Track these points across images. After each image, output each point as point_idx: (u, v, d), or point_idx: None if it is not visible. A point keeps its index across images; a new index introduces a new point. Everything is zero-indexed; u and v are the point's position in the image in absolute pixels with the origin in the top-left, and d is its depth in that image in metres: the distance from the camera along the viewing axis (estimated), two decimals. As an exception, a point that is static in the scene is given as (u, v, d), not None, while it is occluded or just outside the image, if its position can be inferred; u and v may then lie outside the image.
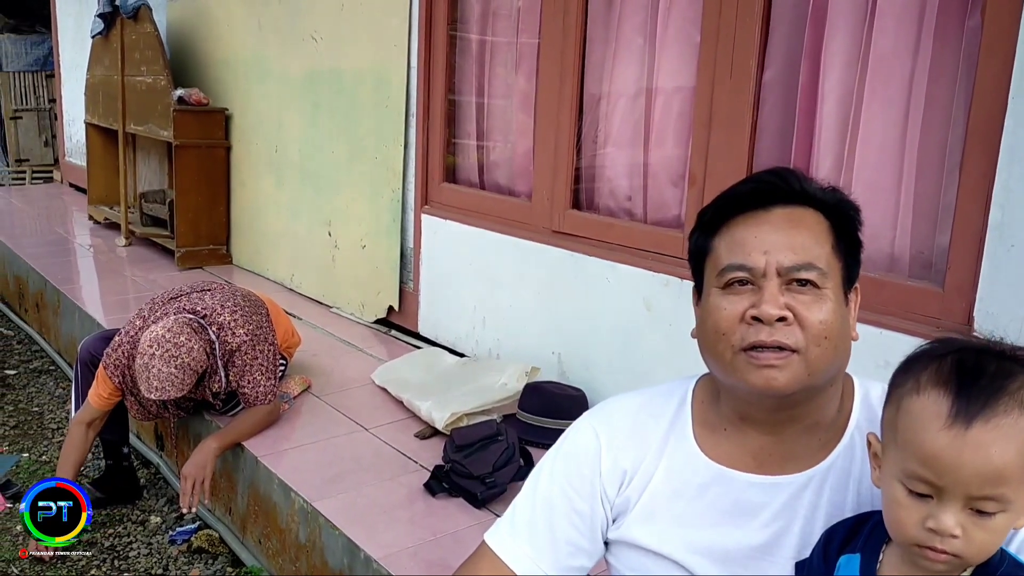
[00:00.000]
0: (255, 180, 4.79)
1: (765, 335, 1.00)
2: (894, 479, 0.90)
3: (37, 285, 4.81)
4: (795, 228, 1.04)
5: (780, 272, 1.02)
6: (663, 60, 2.74)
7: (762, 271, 1.02)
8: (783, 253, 1.02)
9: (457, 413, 2.74)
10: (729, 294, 1.05)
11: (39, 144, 9.65)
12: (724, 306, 1.05)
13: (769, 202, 1.07)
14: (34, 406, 3.93)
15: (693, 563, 1.11)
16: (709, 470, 1.12)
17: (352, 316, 4.03)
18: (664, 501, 1.14)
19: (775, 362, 1.00)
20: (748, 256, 1.03)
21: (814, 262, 1.02)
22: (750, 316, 1.02)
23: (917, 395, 0.89)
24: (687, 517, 1.12)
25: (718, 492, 1.11)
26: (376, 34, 3.72)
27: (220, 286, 2.96)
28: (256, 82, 4.66)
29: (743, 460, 1.11)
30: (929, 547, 0.87)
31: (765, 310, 1.00)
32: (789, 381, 1.01)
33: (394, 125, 3.66)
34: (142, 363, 2.46)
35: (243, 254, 4.98)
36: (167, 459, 3.26)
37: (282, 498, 2.48)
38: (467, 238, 3.39)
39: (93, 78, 5.89)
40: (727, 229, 1.08)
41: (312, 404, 3.05)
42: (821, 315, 1.01)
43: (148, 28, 4.96)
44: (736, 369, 1.04)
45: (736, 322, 1.03)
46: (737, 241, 1.06)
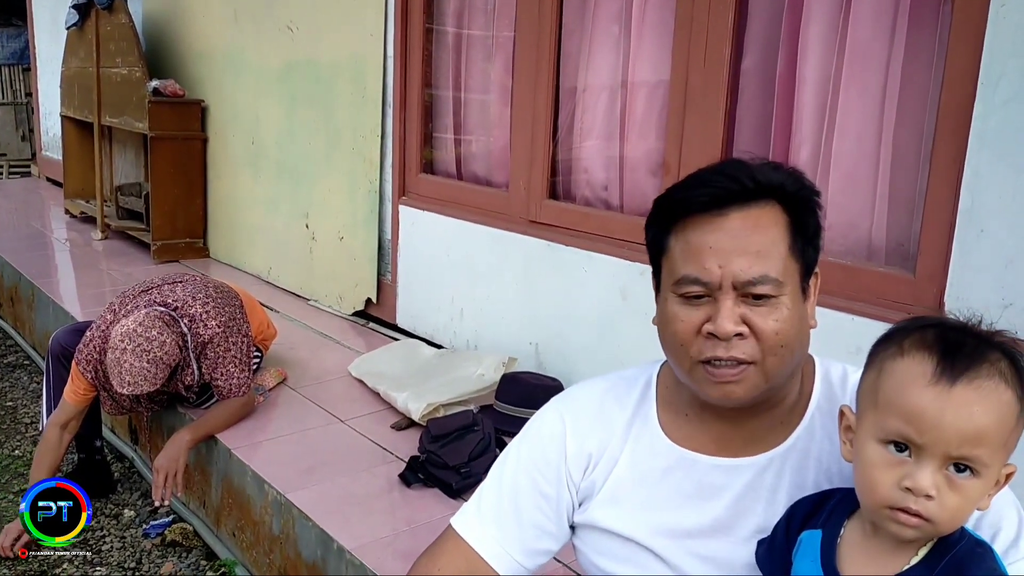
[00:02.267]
0: (232, 172, 4.75)
1: (722, 351, 1.01)
2: (871, 441, 0.91)
3: (11, 279, 4.75)
4: (751, 233, 1.02)
5: (736, 286, 1.01)
6: (639, 49, 2.73)
7: (718, 284, 1.02)
8: (738, 264, 1.01)
9: (433, 404, 2.73)
10: (685, 305, 1.04)
11: (16, 138, 9.57)
12: (681, 317, 1.05)
13: (723, 204, 1.04)
14: (7, 400, 3.88)
15: (657, 544, 1.12)
16: (673, 453, 1.13)
17: (330, 308, 4.01)
18: (629, 485, 1.15)
19: (732, 378, 1.02)
20: (703, 269, 1.02)
21: (769, 273, 1.01)
22: (706, 331, 1.02)
23: (901, 357, 0.90)
24: (651, 500, 1.13)
25: (681, 475, 1.12)
26: (352, 24, 3.69)
27: (192, 277, 2.92)
28: (232, 73, 4.62)
29: (706, 444, 1.12)
30: (902, 508, 0.87)
31: (721, 326, 1.01)
32: (746, 392, 1.03)
33: (371, 116, 3.63)
34: (113, 358, 2.43)
35: (220, 247, 4.94)
36: (141, 453, 3.23)
37: (256, 490, 2.46)
38: (445, 229, 3.37)
39: (68, 70, 5.83)
40: (682, 230, 1.06)
41: (288, 396, 3.03)
42: (777, 325, 1.01)
43: (123, 19, 4.90)
44: (695, 379, 1.06)
45: (693, 334, 1.03)
46: (692, 249, 1.04)
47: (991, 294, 1.89)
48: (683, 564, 1.11)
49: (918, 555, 0.91)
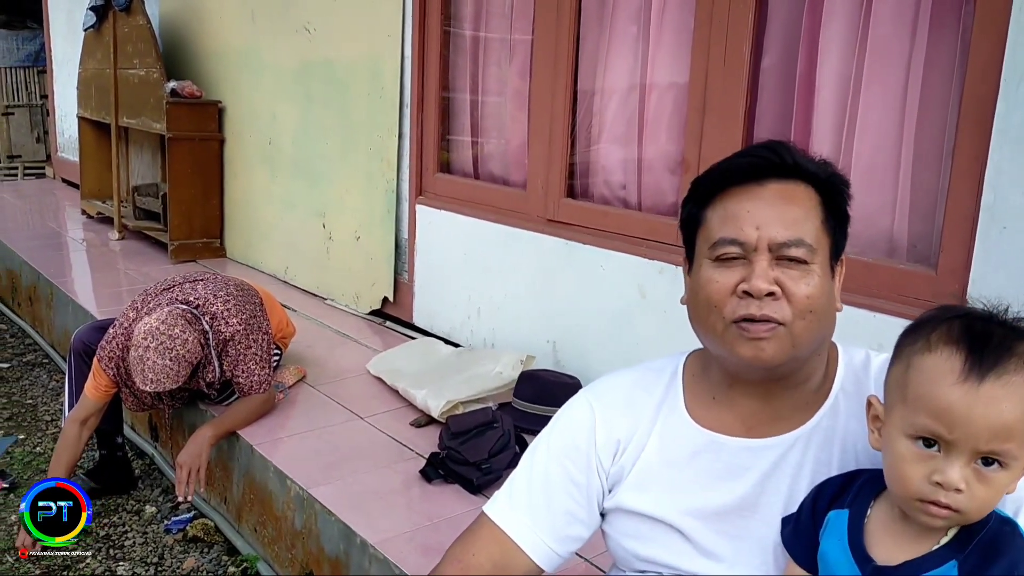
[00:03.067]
0: (249, 172, 4.78)
1: (755, 309, 1.04)
2: (900, 435, 0.92)
3: (30, 279, 4.79)
4: (787, 203, 1.07)
5: (771, 247, 1.05)
6: (658, 49, 2.74)
7: (753, 246, 1.05)
8: (775, 228, 1.05)
9: (452, 401, 2.74)
10: (721, 267, 1.08)
11: (31, 140, 9.62)
12: (716, 279, 1.08)
13: (763, 176, 1.09)
14: (28, 398, 3.91)
15: (685, 524, 1.15)
16: (700, 437, 1.16)
17: (347, 307, 4.03)
18: (657, 468, 1.17)
19: (764, 335, 1.05)
20: (740, 230, 1.06)
21: (804, 238, 1.05)
22: (741, 290, 1.05)
23: (928, 352, 0.91)
24: (679, 482, 1.16)
25: (709, 457, 1.15)
26: (369, 25, 3.71)
27: (213, 276, 2.95)
28: (249, 74, 4.65)
29: (733, 425, 1.15)
30: (932, 501, 0.88)
31: (756, 285, 1.04)
32: (776, 352, 1.05)
33: (388, 116, 3.65)
34: (136, 355, 2.45)
35: (237, 247, 4.97)
36: (162, 450, 3.25)
37: (278, 486, 2.48)
38: (462, 228, 3.39)
39: (85, 72, 5.87)
40: (720, 201, 1.10)
41: (307, 394, 3.05)
42: (808, 289, 1.05)
43: (140, 20, 4.94)
44: (727, 340, 1.08)
45: (727, 295, 1.07)
46: (730, 214, 1.08)
47: (1014, 290, 1.89)
48: (710, 543, 1.13)
49: (947, 535, 0.92)
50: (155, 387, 2.46)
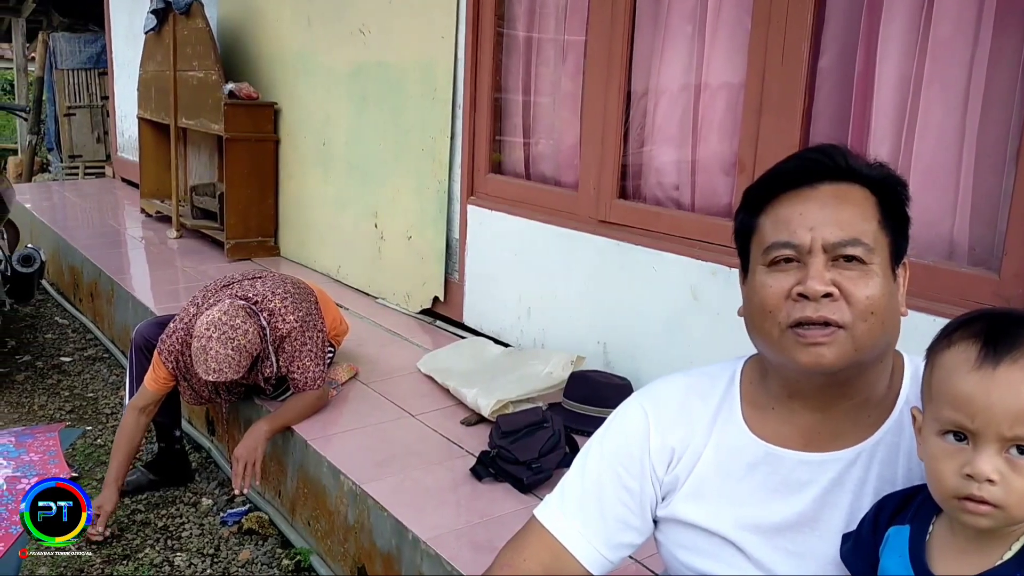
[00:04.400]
0: (303, 173, 4.86)
1: (811, 311, 1.01)
2: (931, 435, 0.93)
3: (91, 275, 4.93)
4: (841, 204, 1.05)
5: (826, 248, 1.02)
6: (713, 49, 2.72)
7: (807, 248, 1.03)
8: (829, 229, 1.02)
9: (503, 400, 2.76)
10: (775, 271, 1.06)
11: (92, 140, 9.88)
12: (770, 283, 1.06)
13: (815, 179, 1.07)
14: (89, 392, 4.02)
15: (742, 539, 1.12)
16: (758, 448, 1.13)
17: (398, 307, 4.07)
18: (713, 479, 1.15)
19: (822, 339, 1.01)
20: (793, 233, 1.04)
21: (860, 237, 1.02)
22: (796, 293, 1.02)
23: (948, 349, 0.92)
24: (736, 495, 1.13)
25: (767, 471, 1.12)
26: (423, 27, 3.75)
27: (270, 274, 3.01)
28: (304, 76, 4.73)
29: (791, 438, 1.12)
30: (967, 496, 0.88)
31: (811, 286, 1.01)
32: (836, 357, 1.01)
33: (440, 117, 3.69)
34: (199, 346, 2.51)
35: (290, 246, 5.05)
36: (218, 444, 3.32)
37: (331, 481, 2.52)
38: (513, 229, 3.40)
39: (146, 74, 6.01)
40: (772, 207, 1.08)
41: (359, 391, 3.09)
42: (868, 290, 1.01)
43: (200, 23, 5.05)
44: (784, 347, 1.04)
45: (782, 299, 1.04)
46: (782, 219, 1.06)
47: (1081, 295, 1.85)
48: (769, 559, 1.11)
49: (1011, 550, 0.90)
50: (217, 376, 2.52)
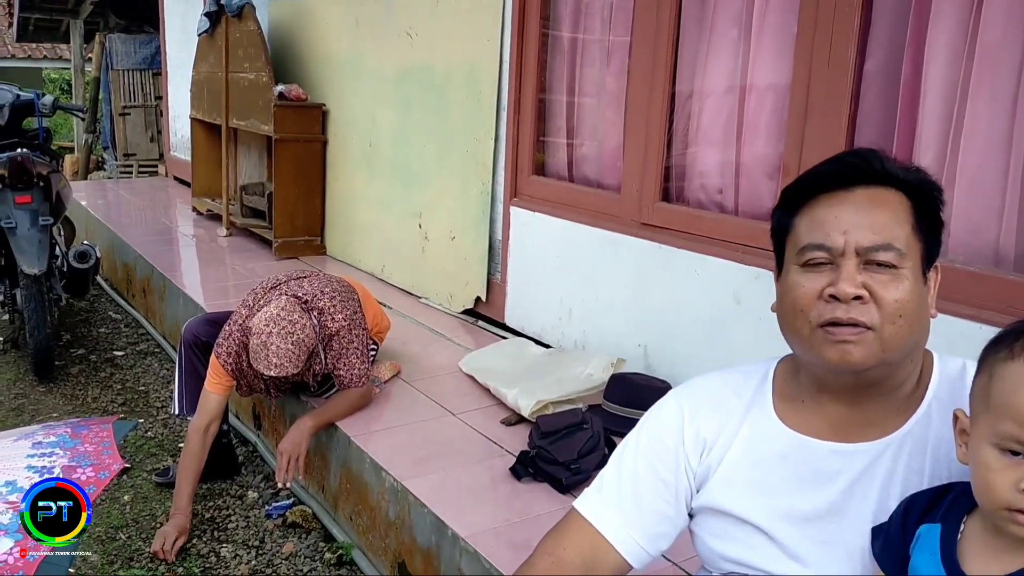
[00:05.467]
0: (349, 173, 4.93)
1: (841, 312, 1.05)
2: (986, 444, 0.92)
3: (144, 272, 5.06)
4: (876, 208, 1.07)
5: (858, 252, 1.05)
6: (759, 52, 2.72)
7: (840, 250, 1.06)
8: (862, 233, 1.05)
9: (543, 401, 2.78)
10: (808, 272, 1.09)
11: (145, 139, 10.11)
12: (803, 283, 1.09)
13: (851, 182, 1.10)
14: (140, 385, 4.13)
15: (773, 528, 1.15)
16: (788, 439, 1.17)
17: (440, 306, 4.12)
18: (744, 468, 1.19)
19: (850, 338, 1.05)
20: (827, 236, 1.07)
21: (892, 242, 1.05)
22: (827, 294, 1.06)
23: (1011, 361, 0.92)
24: (767, 484, 1.17)
25: (797, 460, 1.15)
26: (469, 30, 3.79)
27: (316, 273, 3.07)
28: (352, 78, 4.80)
29: (822, 429, 1.15)
30: (1020, 510, 0.87)
31: (842, 288, 1.04)
32: (864, 357, 1.05)
33: (485, 119, 3.72)
34: (260, 342, 2.57)
35: (336, 245, 5.13)
36: (264, 438, 3.40)
37: (373, 477, 2.57)
38: (555, 230, 3.42)
39: (198, 75, 6.15)
40: (808, 208, 1.11)
41: (402, 389, 3.13)
42: (897, 294, 1.04)
43: (251, 26, 5.15)
44: (814, 344, 1.08)
45: (814, 299, 1.08)
46: (817, 221, 1.09)
47: None
48: (799, 548, 1.13)
49: None
50: (279, 371, 2.57)
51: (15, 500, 1.41)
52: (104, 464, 1.53)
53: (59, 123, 14.29)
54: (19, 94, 4.65)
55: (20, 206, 3.88)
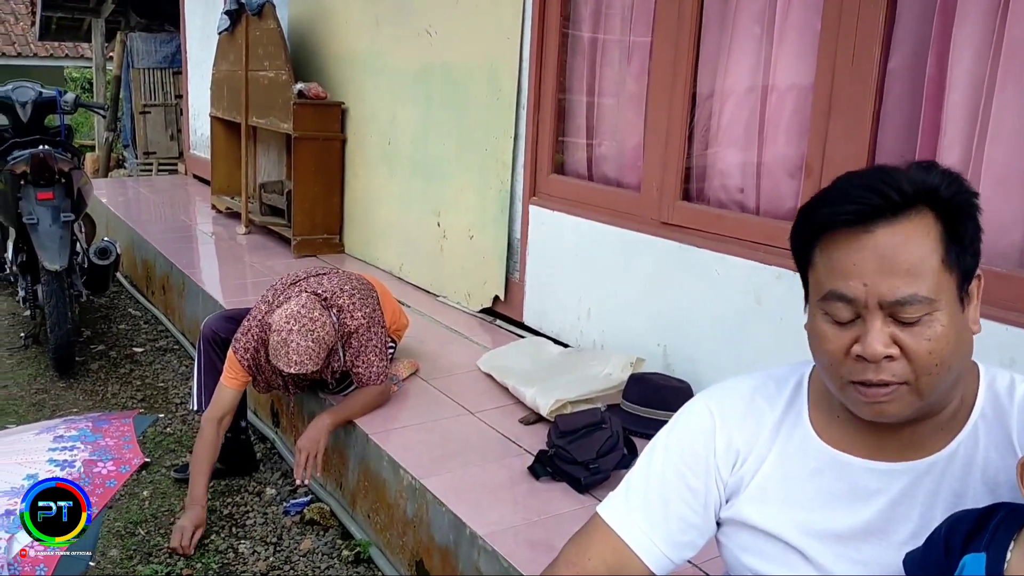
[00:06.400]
0: (368, 172, 4.94)
1: (872, 374, 1.00)
2: None
3: (163, 269, 5.09)
4: (898, 252, 0.98)
5: (882, 305, 0.99)
6: (781, 50, 2.69)
7: (863, 303, 0.99)
8: (884, 286, 0.98)
9: (561, 400, 2.77)
10: (833, 324, 1.03)
11: (165, 138, 10.17)
12: (829, 336, 1.04)
13: (869, 221, 0.99)
14: (159, 382, 4.15)
15: (806, 545, 1.12)
16: (824, 454, 1.13)
17: (458, 305, 4.12)
18: (777, 482, 1.15)
19: (883, 398, 1.01)
20: (847, 286, 1.00)
21: (919, 292, 0.97)
22: (855, 353, 1.01)
23: None
24: (800, 499, 1.13)
25: (832, 476, 1.12)
26: (489, 28, 3.78)
27: (335, 271, 3.07)
28: (372, 76, 4.81)
29: (859, 445, 1.11)
30: None
31: (869, 350, 0.99)
32: (900, 410, 1.02)
33: (504, 118, 3.71)
34: (280, 339, 2.57)
35: (355, 243, 5.14)
36: (282, 435, 3.41)
37: (391, 474, 2.57)
38: (574, 229, 3.41)
39: (218, 73, 6.17)
40: (826, 244, 1.03)
41: (420, 387, 3.13)
42: (930, 344, 0.98)
43: (272, 24, 5.17)
44: (846, 397, 1.05)
45: (842, 355, 1.02)
46: (836, 265, 1.01)
47: None
48: (833, 567, 1.10)
49: None
50: (299, 368, 2.58)
51: (37, 493, 1.43)
52: (125, 458, 1.53)
53: (80, 121, 14.42)
54: (41, 91, 4.68)
55: (42, 202, 3.91)
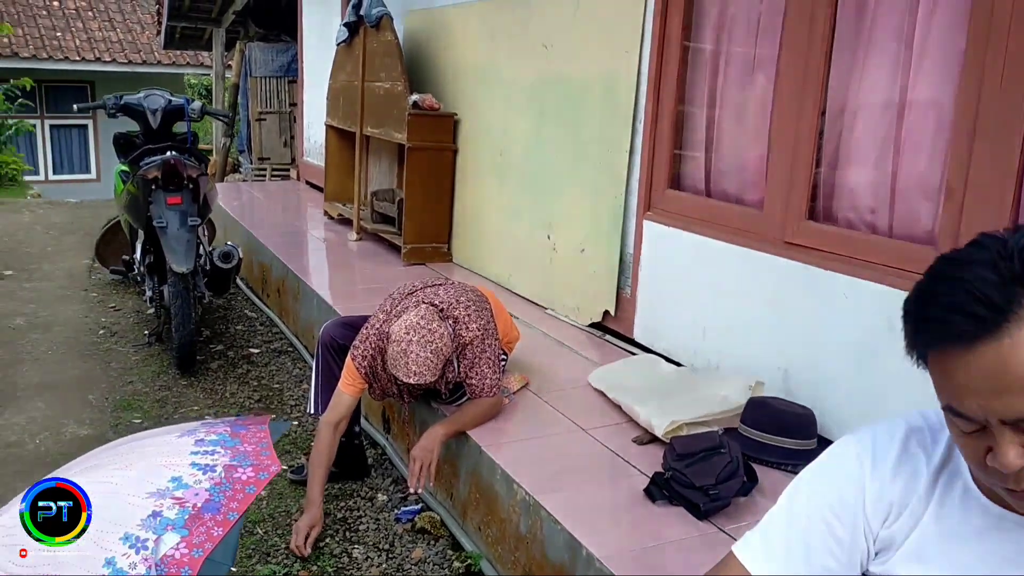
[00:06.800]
0: (478, 182, 4.98)
1: (1012, 483, 0.95)
2: None
3: (279, 273, 5.24)
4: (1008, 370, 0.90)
5: (1005, 422, 0.92)
6: (920, 67, 2.58)
7: (983, 420, 0.94)
8: (1000, 404, 0.91)
9: (677, 422, 2.72)
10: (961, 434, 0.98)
11: (279, 144, 10.52)
12: (961, 443, 1.00)
13: (973, 339, 0.91)
14: (275, 383, 4.27)
15: None
16: (989, 513, 1.06)
17: (567, 318, 4.10)
18: (936, 542, 1.08)
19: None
20: (963, 405, 0.94)
21: None
22: (990, 465, 0.95)
23: None
24: (963, 562, 1.06)
25: (1000, 538, 1.04)
26: (607, 41, 3.76)
27: (450, 282, 3.10)
28: (485, 87, 4.85)
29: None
30: None
31: (1003, 463, 0.93)
32: None
33: (620, 131, 3.68)
34: (400, 349, 2.61)
35: (463, 252, 5.18)
36: (393, 442, 3.45)
37: (504, 488, 2.56)
38: (690, 246, 3.35)
39: (335, 83, 6.34)
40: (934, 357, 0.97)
41: (530, 401, 3.13)
42: None
43: (389, 36, 5.28)
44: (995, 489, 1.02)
45: (981, 460, 0.97)
46: (948, 383, 0.95)
47: None
48: None
49: None
50: (417, 379, 2.61)
51: (181, 496, 1.46)
52: (263, 465, 1.56)
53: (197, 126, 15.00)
54: (170, 99, 4.89)
55: (171, 207, 4.09)
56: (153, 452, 1.62)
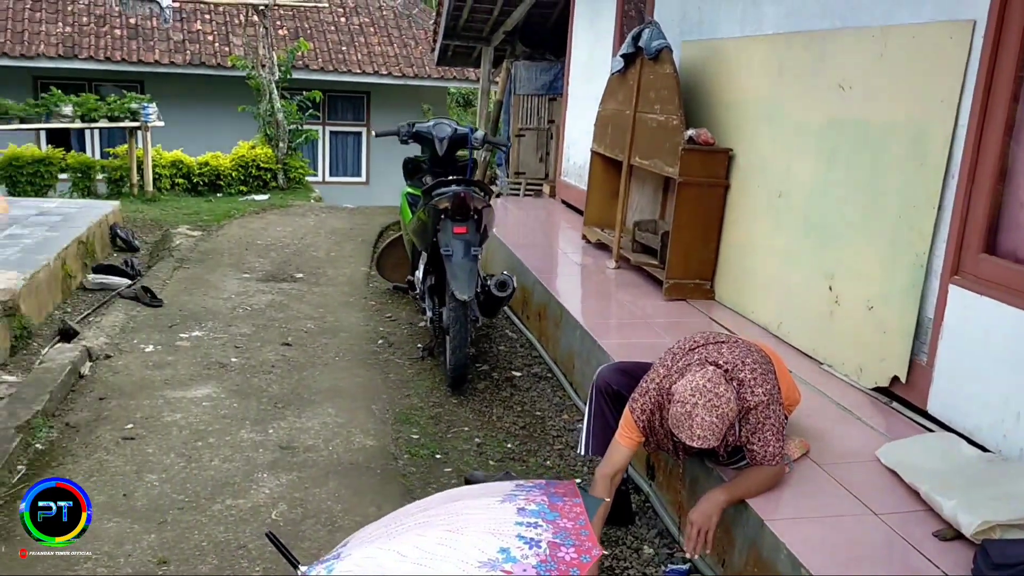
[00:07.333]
0: (749, 221, 4.82)
1: None
2: None
3: (541, 298, 5.37)
4: None
5: None
6: None
7: None
8: None
9: (990, 522, 2.45)
10: None
11: (535, 159, 10.83)
12: None
13: None
14: (536, 410, 4.37)
15: None
16: None
17: (846, 377, 3.86)
18: None
19: None
20: None
21: None
22: None
23: None
24: None
25: None
26: (918, 87, 3.49)
27: (735, 340, 3.00)
28: (766, 125, 4.68)
29: None
30: None
31: None
32: None
33: (928, 185, 3.41)
34: (684, 411, 2.57)
35: (727, 292, 5.04)
36: (658, 491, 3.41)
37: (789, 570, 2.44)
38: (1006, 319, 3.03)
39: (604, 111, 6.40)
40: None
41: (812, 472, 2.96)
42: None
43: (667, 69, 5.24)
44: None
45: None
46: None
47: None
48: None
49: None
50: (701, 444, 2.56)
51: (510, 569, 1.50)
52: (584, 547, 1.57)
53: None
54: (456, 128, 5.17)
55: (457, 236, 4.30)
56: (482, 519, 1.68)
